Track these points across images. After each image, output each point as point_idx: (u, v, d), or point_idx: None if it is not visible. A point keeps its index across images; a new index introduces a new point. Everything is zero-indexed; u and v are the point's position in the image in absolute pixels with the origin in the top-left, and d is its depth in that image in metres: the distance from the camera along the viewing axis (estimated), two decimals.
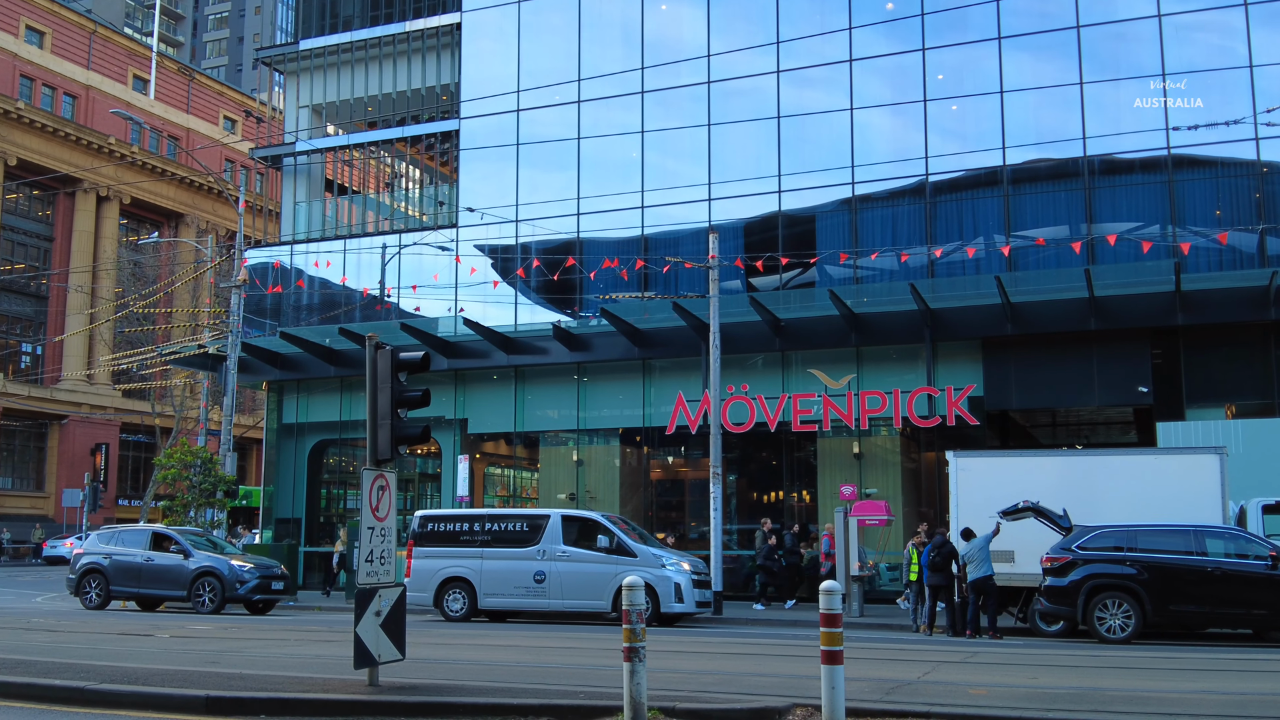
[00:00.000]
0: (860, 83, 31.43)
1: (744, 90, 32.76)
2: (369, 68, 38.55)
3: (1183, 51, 28.48)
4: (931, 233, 30.25)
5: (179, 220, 69.62)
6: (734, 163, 32.70)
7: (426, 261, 35.64)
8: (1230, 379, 27.86)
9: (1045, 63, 29.89)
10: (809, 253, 31.22)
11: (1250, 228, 27.23)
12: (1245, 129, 26.97)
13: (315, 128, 39.98)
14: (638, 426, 33.27)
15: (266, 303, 38.44)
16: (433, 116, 37.99)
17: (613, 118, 34.17)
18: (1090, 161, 28.86)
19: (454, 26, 36.82)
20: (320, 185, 39.85)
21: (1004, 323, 28.20)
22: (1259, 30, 27.80)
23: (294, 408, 37.70)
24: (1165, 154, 28.17)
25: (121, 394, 62.85)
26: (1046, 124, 29.71)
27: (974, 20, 30.22)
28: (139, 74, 72.75)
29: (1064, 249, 28.32)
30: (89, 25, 69.79)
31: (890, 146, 31.23)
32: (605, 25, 34.95)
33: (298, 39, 39.66)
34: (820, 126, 31.90)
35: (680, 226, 32.97)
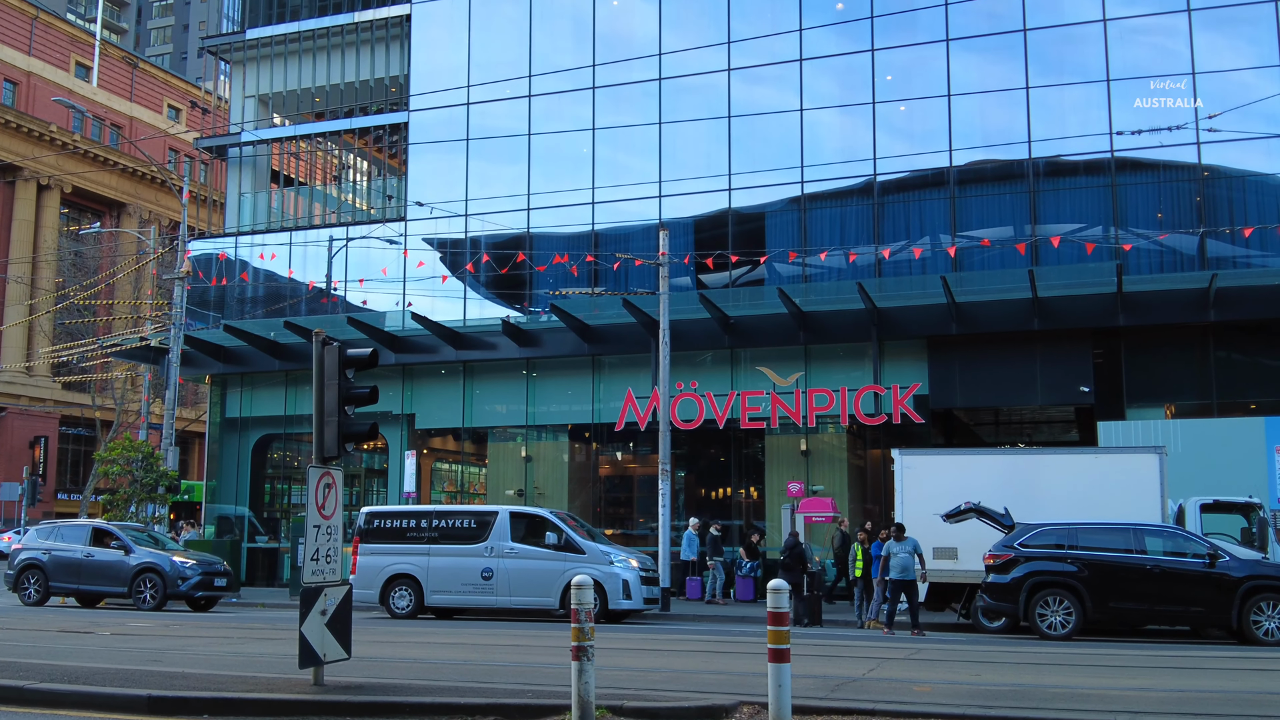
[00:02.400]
0: (810, 82, 31.59)
1: (696, 87, 32.81)
2: (317, 58, 38.13)
3: (1128, 54, 28.91)
4: (879, 232, 30.49)
5: (121, 210, 68.47)
6: (685, 160, 32.74)
7: (374, 255, 35.36)
8: (1170, 379, 28.37)
9: (993, 64, 30.22)
10: (758, 251, 31.35)
11: (1191, 230, 27.72)
12: (1187, 133, 27.44)
13: (262, 118, 39.50)
14: (587, 423, 33.23)
15: (210, 295, 37.93)
16: (381, 108, 37.68)
17: (564, 111, 34.07)
18: (1035, 164, 29.23)
19: (404, 18, 36.52)
20: (266, 176, 39.37)
21: (949, 322, 28.50)
22: (1201, 35, 28.28)
23: (238, 402, 37.25)
24: (1109, 157, 28.60)
25: (61, 386, 61.71)
26: (993, 125, 30.05)
27: (923, 21, 30.49)
28: (82, 61, 71.45)
29: (1009, 250, 28.67)
30: (30, 11, 68.42)
31: (839, 145, 31.43)
32: (557, 18, 34.84)
33: (244, 28, 39.14)
34: (771, 125, 32.02)
35: (631, 223, 32.97)
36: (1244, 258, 27.62)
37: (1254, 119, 27.08)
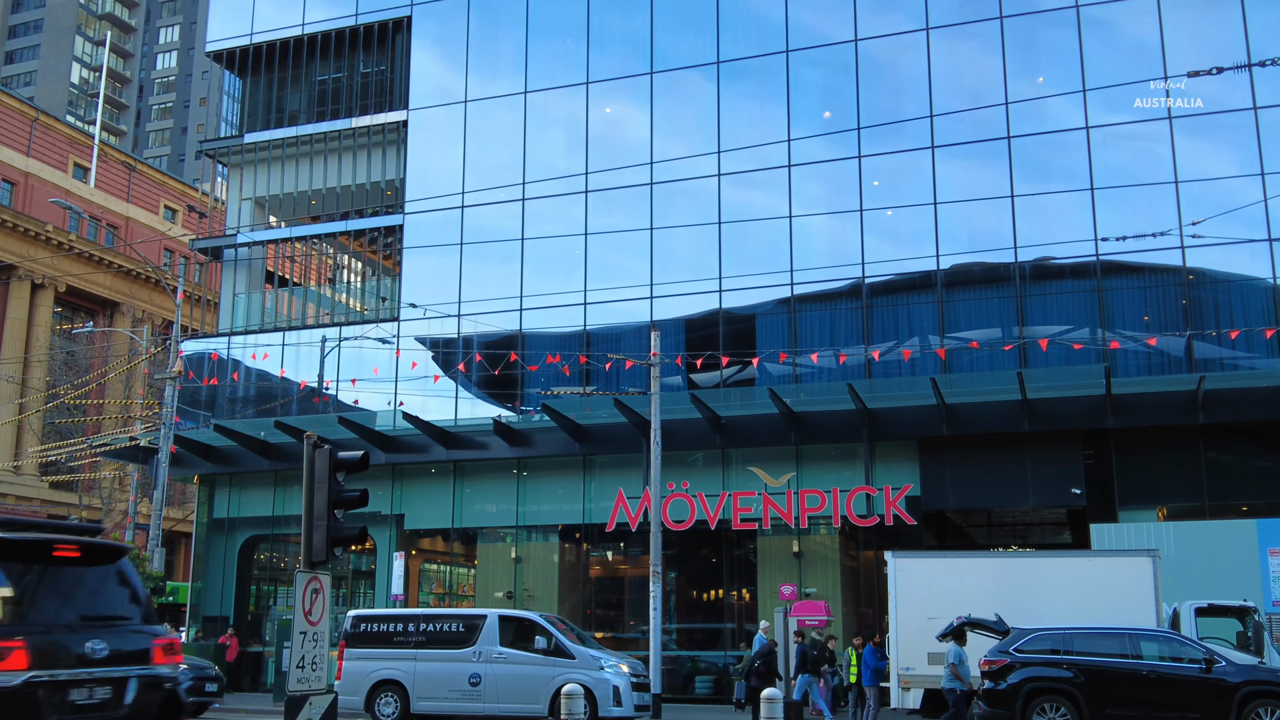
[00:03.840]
0: (799, 186, 32.09)
1: (687, 191, 33.28)
2: (314, 162, 38.65)
3: (1111, 159, 29.47)
4: (868, 333, 30.71)
5: (115, 309, 68.72)
6: (676, 261, 33.08)
7: (366, 354, 35.46)
8: (1161, 481, 28.37)
9: (978, 169, 30.76)
10: (749, 351, 31.51)
11: (1178, 333, 27.97)
12: (1172, 238, 27.86)
13: (258, 220, 39.90)
14: (577, 523, 33.03)
15: (201, 394, 37.91)
16: (377, 211, 38.11)
17: (557, 213, 34.49)
18: (1022, 267, 29.59)
19: (400, 124, 37.12)
20: (261, 277, 39.64)
21: (940, 423, 28.55)
22: (1183, 140, 28.87)
23: (225, 502, 36.99)
24: (1094, 260, 28.97)
25: (49, 485, 61.27)
26: (980, 228, 30.48)
27: (909, 130, 31.09)
28: (80, 162, 72.35)
29: (997, 351, 28.87)
30: (30, 113, 69.48)
31: (828, 248, 31.81)
32: (550, 124, 35.44)
33: (242, 132, 39.74)
34: (761, 228, 32.44)
35: (623, 323, 33.18)
36: (1231, 359, 27.83)
37: (1237, 223, 27.54)
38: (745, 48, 33.48)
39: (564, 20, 35.63)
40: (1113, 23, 30.23)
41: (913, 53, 31.63)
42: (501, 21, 36.49)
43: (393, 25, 37.73)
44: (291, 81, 39.40)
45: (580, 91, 34.99)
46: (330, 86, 38.79)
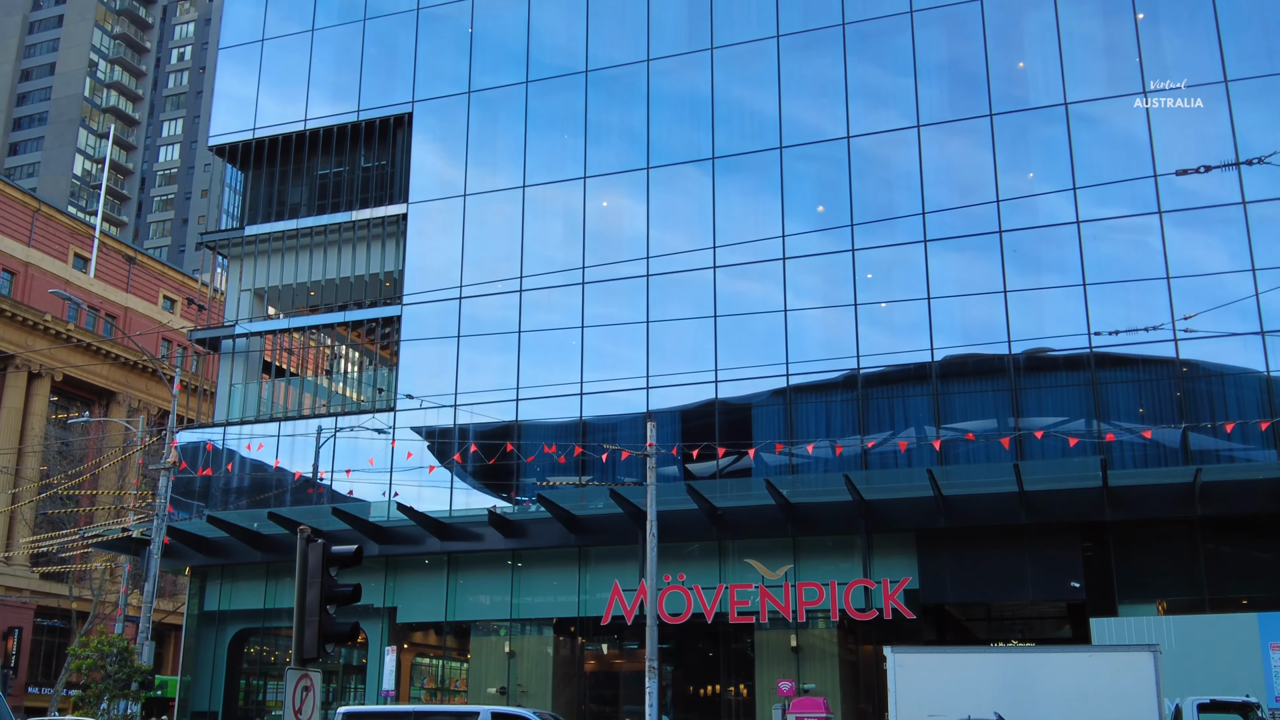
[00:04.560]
0: (794, 278, 32.36)
1: (683, 282, 33.53)
2: (313, 253, 38.98)
3: (1102, 251, 29.78)
4: (864, 424, 30.73)
5: (111, 399, 68.69)
6: (672, 352, 33.20)
7: (362, 444, 35.40)
8: (1161, 574, 28.17)
9: (971, 261, 31.03)
10: (745, 442, 31.49)
11: (1173, 425, 28.01)
12: (1165, 332, 28.04)
13: (256, 310, 40.10)
14: (572, 616, 32.67)
15: (195, 485, 37.74)
16: (375, 302, 38.33)
17: (555, 303, 34.69)
18: (1016, 359, 29.72)
19: (400, 216, 37.53)
20: (258, 367, 39.72)
21: (937, 515, 28.43)
22: (1174, 233, 29.19)
23: (216, 594, 36.61)
24: (1088, 352, 29.11)
25: (39, 576, 60.65)
26: (973, 320, 30.67)
27: (902, 223, 31.46)
28: (80, 252, 72.92)
29: (993, 443, 28.87)
30: (33, 204, 70.20)
31: (823, 338, 31.96)
32: (548, 216, 35.81)
33: (243, 225, 40.14)
34: (756, 319, 32.63)
35: (619, 413, 33.20)
36: (1227, 451, 27.83)
37: (1230, 316, 27.75)
38: (740, 143, 34.02)
39: (562, 115, 36.23)
40: (1101, 118, 30.79)
41: (904, 149, 32.15)
42: (501, 117, 37.10)
43: (394, 121, 38.35)
44: (293, 175, 39.91)
45: (578, 185, 35.45)
46: (331, 180, 39.29)
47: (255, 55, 40.85)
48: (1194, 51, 30.40)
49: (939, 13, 32.74)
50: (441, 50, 38.42)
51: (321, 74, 39.81)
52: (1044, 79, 31.44)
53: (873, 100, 32.98)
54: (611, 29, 36.35)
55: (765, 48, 34.17)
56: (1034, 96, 31.47)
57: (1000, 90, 31.71)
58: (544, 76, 36.74)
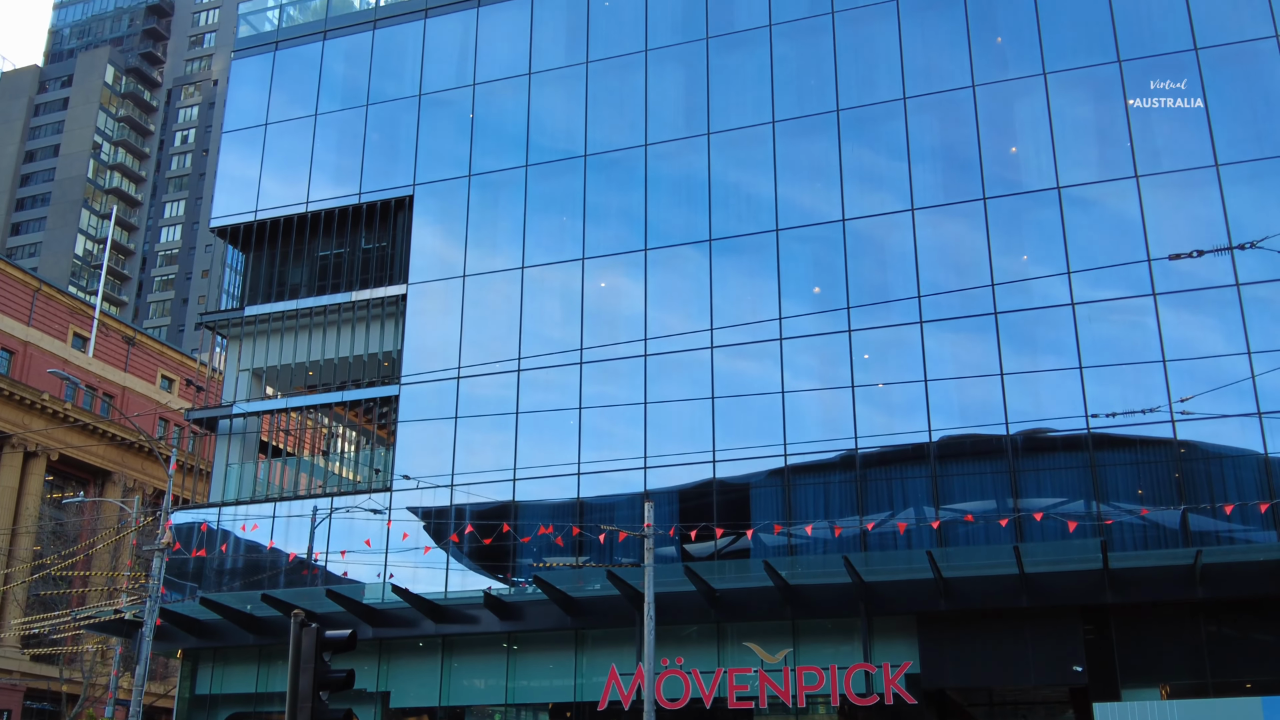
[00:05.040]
0: (791, 357, 32.48)
1: (681, 362, 33.62)
2: (312, 334, 39.13)
3: (1098, 332, 29.94)
4: (863, 504, 30.63)
5: (106, 479, 68.47)
6: (670, 431, 33.18)
7: (358, 525, 35.21)
8: (1163, 657, 27.86)
9: (967, 341, 31.18)
10: (744, 523, 31.35)
11: (1172, 506, 27.92)
12: (1162, 414, 28.09)
13: (254, 390, 40.14)
14: (568, 700, 32.20)
15: (189, 566, 37.45)
16: (373, 381, 38.39)
17: (552, 382, 34.75)
18: (1014, 440, 29.72)
19: (399, 297, 37.74)
20: (254, 447, 39.64)
21: (938, 598, 28.20)
22: (1169, 313, 29.37)
23: (208, 677, 36.11)
24: (1086, 434, 29.12)
25: (30, 658, 59.92)
26: (970, 400, 30.72)
27: (898, 306, 31.65)
28: (80, 332, 73.18)
29: (992, 524, 28.75)
30: (33, 283, 70.64)
31: (821, 418, 31.97)
32: (547, 295, 36.02)
33: (243, 305, 40.33)
34: (754, 400, 32.68)
35: (616, 493, 33.09)
36: (1227, 533, 27.72)
37: (1227, 397, 27.84)
38: (737, 225, 34.37)
39: (562, 197, 36.64)
40: (1094, 201, 31.16)
41: (900, 231, 32.49)
42: (501, 199, 37.52)
43: (395, 203, 38.76)
44: (294, 256, 40.22)
45: (576, 266, 35.74)
46: (332, 261, 39.59)
47: (258, 139, 41.41)
48: (1185, 136, 30.87)
49: (932, 99, 33.31)
50: (443, 134, 38.98)
51: (324, 157, 40.32)
52: (1036, 163, 31.89)
53: (868, 183, 33.40)
54: (610, 114, 36.93)
55: (761, 133, 34.69)
56: (1027, 180, 31.89)
57: (993, 173, 32.14)
58: (544, 160, 37.23)
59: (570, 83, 37.68)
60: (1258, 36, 30.95)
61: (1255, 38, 30.97)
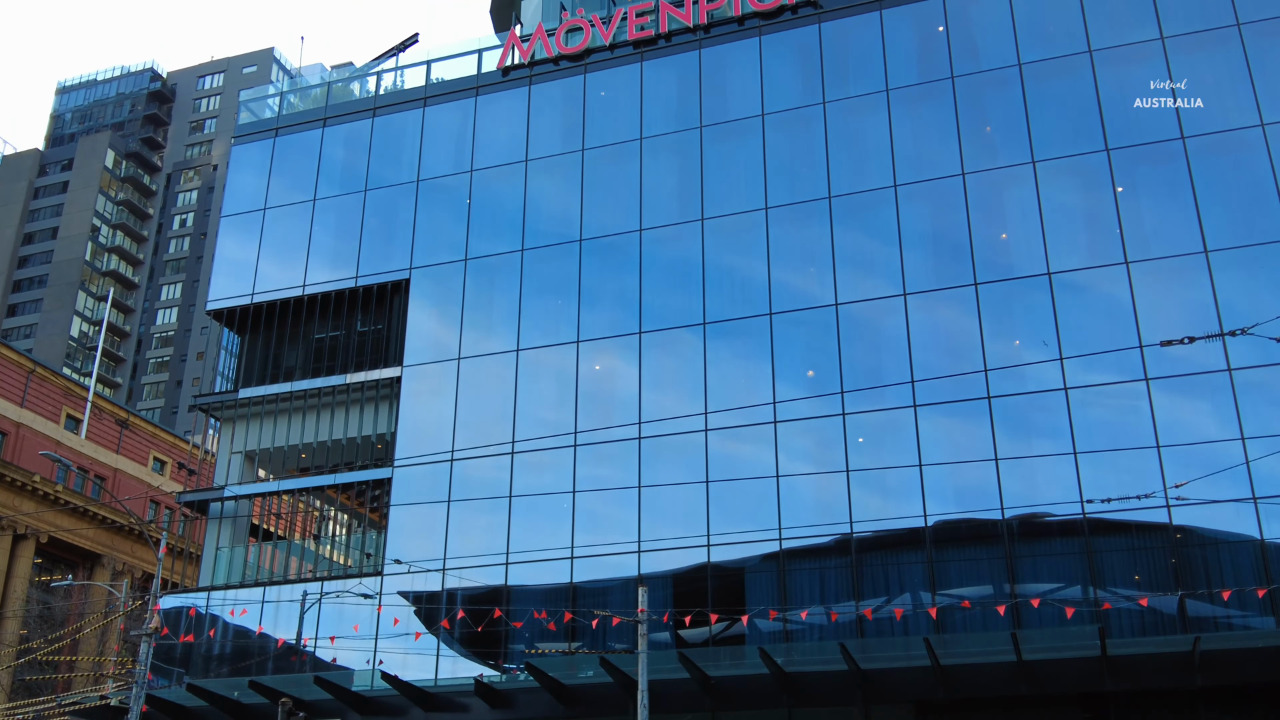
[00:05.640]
0: (785, 440, 32.46)
1: (675, 445, 33.58)
2: (306, 416, 39.08)
3: (1091, 416, 29.99)
4: (859, 589, 30.38)
5: (96, 561, 67.80)
6: (664, 514, 33.02)
7: (347, 610, 34.82)
8: None
9: (961, 425, 31.20)
10: (738, 609, 31.05)
11: (1170, 592, 27.73)
12: (1157, 499, 28.03)
13: (246, 473, 39.95)
14: None
15: (176, 651, 36.92)
16: (366, 464, 38.25)
17: (546, 464, 34.63)
18: (1009, 524, 29.60)
19: (394, 380, 37.77)
20: (245, 530, 39.36)
21: (936, 685, 27.83)
22: (1161, 397, 29.46)
23: None
24: (1081, 519, 29.02)
25: None
26: (966, 484, 30.65)
27: (891, 391, 31.72)
28: (73, 413, 73.01)
29: (989, 610, 28.50)
30: (28, 365, 70.62)
31: (816, 501, 31.85)
32: (541, 377, 36.06)
33: (237, 388, 40.33)
34: (748, 483, 32.58)
35: (610, 577, 32.81)
36: (1225, 618, 27.50)
37: (1222, 482, 27.80)
38: (731, 308, 34.58)
39: (557, 280, 36.89)
40: (1085, 286, 31.43)
41: (892, 315, 32.71)
42: (497, 282, 37.76)
43: (391, 287, 38.99)
44: (289, 338, 40.33)
45: (571, 349, 35.87)
46: (327, 344, 39.70)
47: (257, 223, 41.77)
48: (1173, 222, 31.27)
49: (923, 187, 33.78)
50: (440, 218, 39.35)
51: (321, 240, 40.64)
52: (1027, 248, 32.23)
53: (860, 268, 33.69)
54: (606, 199, 37.36)
55: (754, 218, 35.10)
56: (1018, 265, 32.19)
57: (985, 258, 32.46)
58: (540, 245, 37.57)
59: (567, 169, 38.18)
60: (1243, 125, 31.50)
61: (1241, 126, 31.51)
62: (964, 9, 35.71)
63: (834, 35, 36.61)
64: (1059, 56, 34.01)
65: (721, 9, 38.14)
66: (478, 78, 40.78)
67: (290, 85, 46.93)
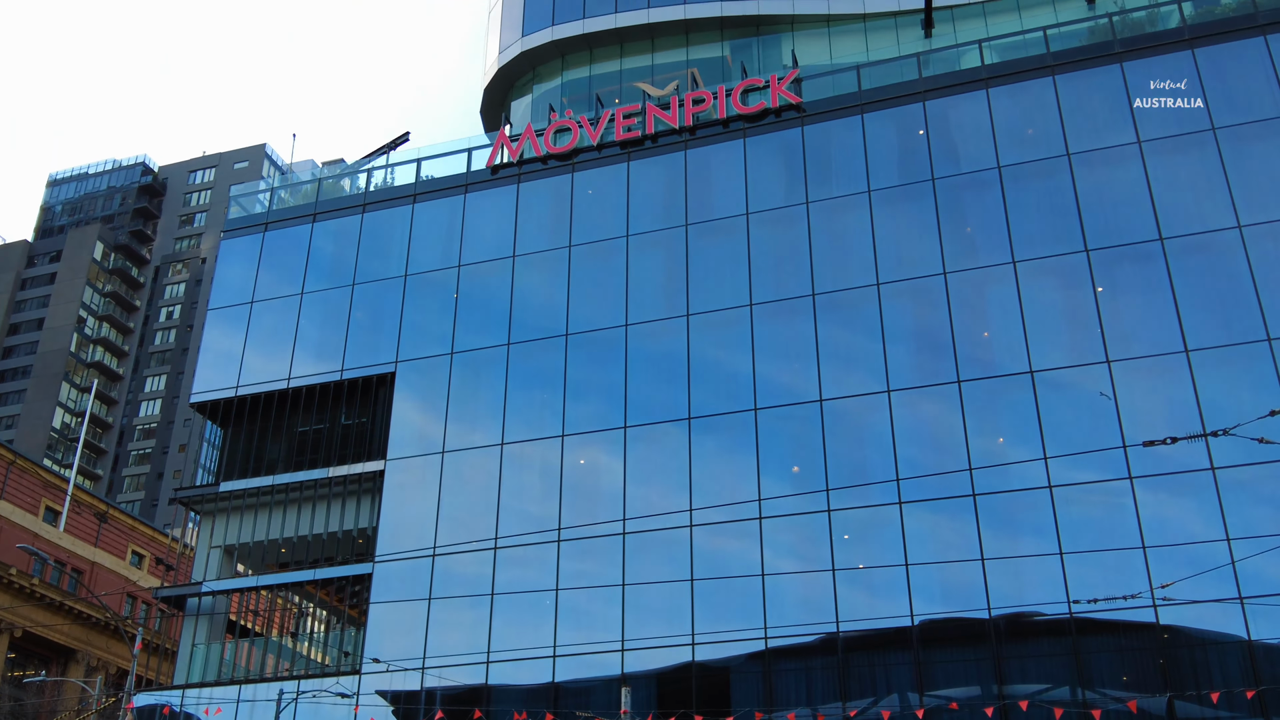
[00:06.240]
0: (771, 535, 32.29)
1: (660, 540, 33.35)
2: (287, 510, 38.75)
3: (1078, 514, 29.94)
4: (845, 689, 29.98)
5: (70, 656, 66.44)
6: (649, 611, 32.64)
7: (324, 710, 34.16)
8: None
9: (947, 522, 31.10)
10: (724, 709, 30.56)
11: (1158, 693, 27.43)
12: (1144, 598, 27.87)
13: (224, 567, 39.45)
14: None
15: None
16: (347, 559, 37.82)
17: (529, 558, 34.30)
18: (996, 623, 29.36)
19: (377, 473, 37.56)
20: (222, 626, 38.74)
21: None
22: (1145, 495, 29.45)
23: None
24: (1068, 618, 28.80)
25: None
26: (952, 582, 30.46)
27: (877, 487, 31.68)
28: (52, 505, 72.25)
29: (978, 713, 28.11)
30: (8, 456, 70.03)
31: (801, 598, 31.56)
32: (525, 470, 35.89)
33: (219, 481, 40.02)
34: (734, 581, 32.30)
35: (593, 675, 32.31)
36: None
37: (1209, 581, 27.68)
38: (716, 403, 34.63)
39: (543, 374, 36.94)
40: (1068, 384, 31.62)
41: (877, 411, 32.80)
42: (483, 375, 37.78)
43: (376, 380, 38.97)
44: (273, 431, 40.15)
45: (556, 443, 35.78)
46: (310, 437, 39.53)
47: (243, 316, 41.86)
48: (1154, 321, 31.61)
49: (905, 285, 34.16)
50: (427, 312, 39.50)
51: (308, 333, 40.69)
52: (1009, 346, 32.49)
53: (844, 363, 33.87)
54: (592, 294, 37.61)
55: (739, 314, 35.37)
56: (1000, 363, 32.42)
57: (967, 355, 32.70)
58: (526, 339, 37.70)
59: (554, 264, 38.51)
60: (1221, 227, 32.04)
61: (1219, 228, 32.05)
62: (943, 113, 36.52)
63: (816, 137, 37.33)
64: (1038, 159, 34.70)
65: (707, 111, 38.90)
66: (467, 175, 41.33)
67: (281, 181, 47.50)
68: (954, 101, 36.57)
